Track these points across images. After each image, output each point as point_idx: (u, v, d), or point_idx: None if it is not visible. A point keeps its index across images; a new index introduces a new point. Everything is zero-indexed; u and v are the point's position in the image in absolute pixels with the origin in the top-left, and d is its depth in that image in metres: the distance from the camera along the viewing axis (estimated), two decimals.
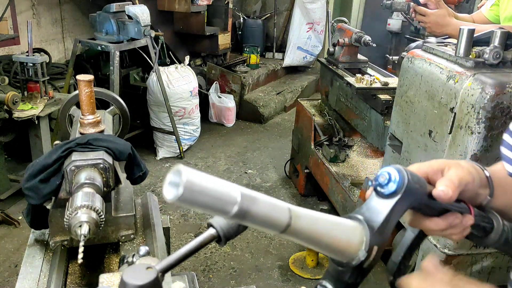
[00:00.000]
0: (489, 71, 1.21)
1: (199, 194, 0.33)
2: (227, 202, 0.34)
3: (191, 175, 0.32)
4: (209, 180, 0.33)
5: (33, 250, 0.95)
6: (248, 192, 0.35)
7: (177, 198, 0.32)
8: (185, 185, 0.32)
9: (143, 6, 2.70)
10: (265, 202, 0.36)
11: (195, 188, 0.32)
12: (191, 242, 0.68)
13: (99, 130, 1.01)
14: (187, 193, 0.32)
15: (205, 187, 0.33)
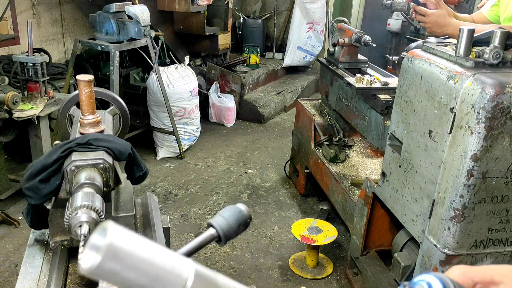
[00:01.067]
0: (489, 71, 1.21)
1: (127, 264, 0.23)
2: (171, 282, 0.24)
3: (120, 234, 0.23)
4: (147, 245, 0.24)
5: (33, 250, 0.95)
6: (204, 272, 0.26)
7: (93, 266, 0.23)
8: (107, 246, 0.22)
9: (143, 6, 2.70)
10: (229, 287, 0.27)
11: (123, 253, 0.23)
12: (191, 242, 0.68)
13: (99, 130, 1.01)
14: (108, 261, 0.23)
15: (139, 254, 0.23)
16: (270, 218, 2.47)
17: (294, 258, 2.13)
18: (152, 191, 2.69)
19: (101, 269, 0.23)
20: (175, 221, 2.40)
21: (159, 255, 0.25)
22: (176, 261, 0.25)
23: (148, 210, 1.08)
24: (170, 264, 0.25)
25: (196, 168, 3.06)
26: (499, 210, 1.26)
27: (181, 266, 0.25)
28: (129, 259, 0.23)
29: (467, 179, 1.21)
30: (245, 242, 2.23)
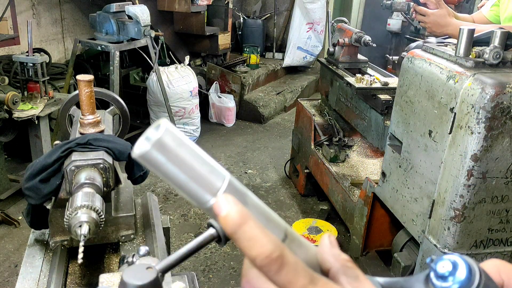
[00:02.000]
0: (489, 71, 1.21)
1: (170, 159, 0.26)
2: (204, 186, 0.26)
3: (170, 133, 0.26)
4: (191, 148, 0.26)
5: (33, 250, 0.95)
6: (238, 185, 0.28)
7: (142, 153, 0.25)
8: (156, 141, 0.25)
9: (143, 6, 2.70)
10: (257, 206, 0.28)
11: (168, 149, 0.26)
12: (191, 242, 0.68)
13: (99, 130, 1.01)
14: (155, 151, 0.25)
15: (181, 153, 0.26)
16: None
17: None
18: (152, 191, 2.69)
19: (147, 157, 0.26)
20: (175, 221, 2.40)
21: (200, 160, 0.27)
22: (214, 169, 0.27)
23: (148, 210, 1.08)
24: (208, 170, 0.27)
25: None
26: (499, 210, 1.26)
27: (218, 174, 0.27)
28: (173, 156, 0.26)
29: (467, 179, 1.21)
30: None
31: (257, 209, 0.28)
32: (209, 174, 0.27)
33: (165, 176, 0.27)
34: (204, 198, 0.27)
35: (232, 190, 0.27)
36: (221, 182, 0.27)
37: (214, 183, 0.27)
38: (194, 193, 0.27)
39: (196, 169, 0.26)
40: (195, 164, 0.26)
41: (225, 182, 0.27)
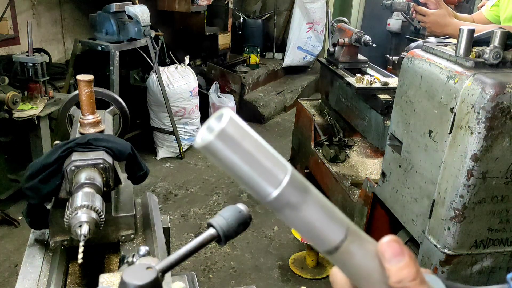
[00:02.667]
0: (489, 71, 1.21)
1: (234, 150, 0.25)
2: (267, 179, 0.26)
3: (234, 123, 0.25)
4: (255, 139, 0.26)
5: (33, 250, 0.95)
6: (300, 178, 0.27)
7: (205, 144, 0.25)
8: (221, 131, 0.25)
9: (143, 6, 2.70)
10: (319, 201, 0.27)
11: (232, 140, 0.25)
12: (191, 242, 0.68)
13: (99, 130, 1.01)
14: (219, 142, 0.25)
15: (245, 144, 0.25)
16: (270, 218, 2.47)
17: (294, 258, 2.12)
18: (152, 191, 2.69)
19: (210, 148, 0.25)
20: (175, 221, 2.40)
21: (264, 151, 0.26)
22: (278, 161, 0.26)
23: (148, 210, 1.07)
24: (272, 162, 0.26)
25: (196, 168, 3.06)
26: (499, 210, 1.26)
27: (281, 167, 0.26)
28: (237, 147, 0.25)
29: (467, 179, 1.21)
30: (245, 242, 2.23)
31: (318, 204, 0.27)
32: (272, 166, 0.26)
33: (227, 168, 0.26)
34: (265, 191, 0.26)
35: (294, 183, 0.26)
36: (284, 175, 0.26)
37: (277, 176, 0.26)
38: (256, 186, 0.26)
39: (260, 161, 0.26)
40: (259, 155, 0.26)
41: (287, 175, 0.26)
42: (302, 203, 0.27)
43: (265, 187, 0.26)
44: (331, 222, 0.27)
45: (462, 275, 1.30)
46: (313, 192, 0.27)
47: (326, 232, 0.27)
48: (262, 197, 0.26)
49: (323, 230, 0.27)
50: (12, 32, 2.90)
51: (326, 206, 0.28)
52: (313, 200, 0.27)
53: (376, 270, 0.28)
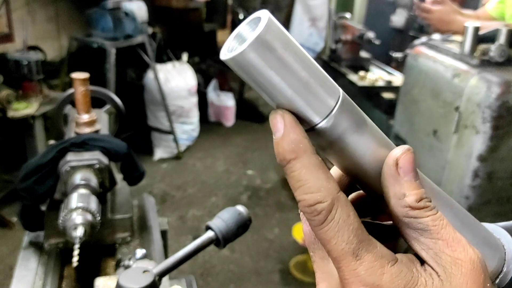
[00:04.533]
0: (495, 69, 1.19)
1: (273, 63, 0.20)
2: (313, 103, 0.21)
3: (274, 28, 0.20)
4: (300, 50, 0.21)
5: (28, 252, 0.93)
6: (352, 105, 0.23)
7: (236, 54, 0.20)
8: (257, 37, 0.19)
9: (140, 2, 2.66)
10: (373, 131, 0.23)
11: (271, 49, 0.20)
12: (189, 245, 0.66)
13: (94, 130, 0.98)
14: (254, 52, 0.19)
15: (288, 56, 0.20)
16: (270, 220, 2.44)
17: (295, 262, 2.10)
18: (149, 192, 2.65)
19: (242, 60, 0.20)
20: (173, 224, 2.36)
21: (311, 66, 0.21)
22: (327, 80, 0.22)
23: (145, 212, 1.06)
24: (320, 82, 0.21)
25: (194, 169, 3.02)
26: (505, 211, 1.24)
27: (331, 88, 0.22)
28: (277, 59, 0.20)
29: (473, 179, 1.19)
30: (244, 245, 2.20)
31: (373, 134, 0.23)
32: (320, 87, 0.21)
33: (261, 86, 0.21)
34: (310, 120, 0.22)
35: (346, 109, 0.22)
36: (334, 100, 0.21)
37: (325, 102, 0.21)
38: (298, 113, 0.21)
39: (306, 79, 0.21)
40: (305, 72, 0.21)
41: (338, 103, 0.22)
42: (355, 136, 0.22)
43: (311, 115, 0.22)
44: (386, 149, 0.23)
45: None
46: (368, 122, 0.23)
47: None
48: (306, 125, 0.22)
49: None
50: (7, 30, 2.85)
51: (380, 136, 0.24)
52: (369, 130, 0.23)
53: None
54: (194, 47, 3.81)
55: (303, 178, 0.21)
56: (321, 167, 0.22)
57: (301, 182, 0.21)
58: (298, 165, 0.21)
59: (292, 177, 0.22)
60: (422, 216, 0.22)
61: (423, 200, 0.22)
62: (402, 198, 0.22)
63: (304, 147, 0.22)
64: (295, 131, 0.22)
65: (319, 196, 0.21)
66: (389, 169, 0.23)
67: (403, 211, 0.22)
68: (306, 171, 0.21)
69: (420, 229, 0.22)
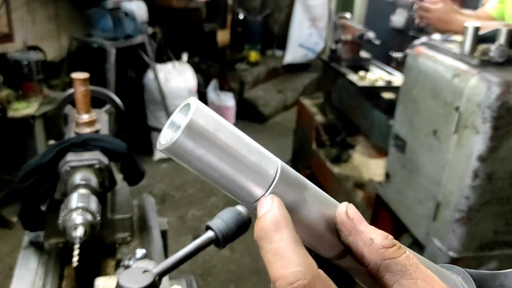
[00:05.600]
0: (495, 69, 1.19)
1: (208, 148, 0.20)
2: (253, 179, 0.21)
3: (203, 114, 0.20)
4: (232, 131, 0.21)
5: (28, 252, 0.93)
6: (292, 174, 0.23)
7: (169, 144, 0.20)
8: (187, 126, 0.20)
9: (140, 2, 2.66)
10: (316, 196, 0.24)
11: (203, 135, 0.20)
12: (189, 245, 0.66)
13: (94, 130, 0.98)
14: (187, 140, 0.20)
15: (221, 138, 0.20)
16: None
17: None
18: (149, 192, 2.65)
19: (176, 149, 0.20)
20: (173, 224, 2.36)
21: (245, 145, 0.22)
22: (263, 155, 0.22)
23: (145, 212, 1.06)
24: (256, 158, 0.22)
25: None
26: (505, 211, 1.24)
27: (268, 162, 0.22)
28: (210, 143, 0.20)
29: (473, 180, 1.19)
30: (244, 245, 2.20)
31: (316, 199, 0.23)
32: (258, 163, 0.22)
33: (201, 171, 0.22)
34: (253, 194, 0.22)
35: (286, 181, 0.22)
36: (274, 171, 0.22)
37: (265, 174, 0.22)
38: (240, 189, 0.22)
39: (242, 158, 0.21)
40: (239, 151, 0.21)
41: (278, 173, 0.22)
42: (300, 202, 0.23)
43: (252, 191, 0.22)
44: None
45: None
46: (310, 189, 0.23)
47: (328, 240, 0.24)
48: (248, 202, 0.22)
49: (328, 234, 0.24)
50: (7, 30, 2.85)
51: (325, 201, 0.24)
52: (309, 199, 0.23)
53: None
54: (194, 47, 3.81)
55: (282, 252, 0.21)
56: (300, 243, 0.21)
57: (279, 256, 0.20)
58: (278, 237, 0.21)
59: (269, 250, 0.21)
60: (398, 255, 0.23)
61: (389, 237, 0.23)
62: (372, 242, 0.23)
63: (286, 222, 0.21)
64: (280, 208, 0.22)
65: (299, 273, 0.20)
66: (346, 224, 0.23)
67: (379, 254, 0.23)
68: (286, 245, 0.21)
69: (400, 271, 0.22)
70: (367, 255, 0.23)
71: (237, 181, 0.22)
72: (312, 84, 4.69)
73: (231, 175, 0.21)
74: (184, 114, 0.21)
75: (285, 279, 0.20)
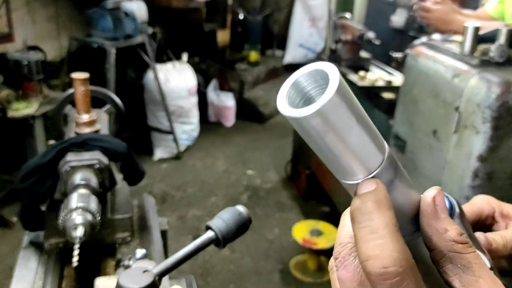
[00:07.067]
0: (495, 69, 1.19)
1: (338, 126, 0.20)
2: (365, 159, 0.22)
3: (343, 90, 0.20)
4: (360, 109, 0.22)
5: (28, 252, 0.93)
6: (396, 161, 0.24)
7: (303, 115, 0.20)
8: (329, 101, 0.19)
9: (140, 2, 2.66)
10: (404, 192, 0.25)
11: (339, 113, 0.20)
12: (189, 245, 0.66)
13: (94, 130, 0.98)
14: (321, 116, 0.20)
15: (351, 117, 0.21)
16: (270, 220, 2.44)
17: (295, 262, 2.10)
18: (149, 192, 2.65)
19: (307, 122, 0.20)
20: (173, 224, 2.36)
21: (367, 124, 0.22)
22: (378, 136, 0.23)
23: (145, 212, 1.06)
24: (376, 135, 0.23)
25: (194, 169, 3.02)
26: None
27: (380, 145, 0.23)
28: (342, 122, 0.20)
29: (473, 180, 1.19)
30: (244, 245, 2.20)
31: (405, 182, 0.24)
32: (374, 142, 0.22)
33: (320, 147, 0.21)
34: (357, 173, 0.22)
35: (391, 161, 0.23)
36: (383, 154, 0.23)
37: (377, 154, 0.22)
38: (348, 167, 0.22)
39: (365, 138, 0.22)
40: (363, 130, 0.21)
41: (386, 153, 0.23)
42: (393, 185, 0.24)
43: (358, 170, 0.22)
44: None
45: None
46: (400, 170, 0.25)
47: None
48: (349, 178, 0.23)
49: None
50: (7, 30, 2.85)
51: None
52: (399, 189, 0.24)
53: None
54: (194, 47, 3.81)
55: (381, 232, 0.20)
56: (399, 231, 0.21)
57: (378, 235, 0.20)
58: (379, 216, 0.21)
59: (367, 226, 0.20)
60: (466, 252, 0.23)
61: (463, 235, 0.23)
62: (445, 233, 0.23)
63: (389, 206, 0.21)
64: (385, 192, 0.22)
65: (396, 260, 0.19)
66: (428, 208, 0.24)
67: (447, 245, 0.23)
68: (386, 227, 0.20)
69: (463, 265, 0.22)
70: (435, 240, 0.23)
71: (352, 162, 0.22)
72: None
73: (350, 156, 0.22)
74: (315, 80, 0.21)
75: (380, 261, 0.19)
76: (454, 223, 0.24)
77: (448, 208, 0.26)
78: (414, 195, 0.25)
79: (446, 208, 0.24)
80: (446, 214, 0.24)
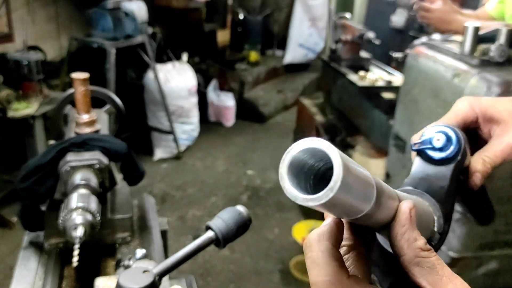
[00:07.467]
0: (495, 69, 1.19)
1: (351, 195, 0.24)
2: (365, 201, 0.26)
3: (348, 168, 0.23)
4: (359, 170, 0.25)
5: (28, 252, 0.93)
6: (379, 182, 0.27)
7: (326, 198, 0.23)
8: (342, 182, 0.22)
9: (140, 2, 2.66)
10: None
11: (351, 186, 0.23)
12: (189, 245, 0.66)
13: (94, 130, 0.98)
14: (340, 193, 0.23)
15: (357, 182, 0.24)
16: (270, 220, 2.44)
17: (295, 262, 2.10)
18: (149, 192, 2.65)
19: (332, 202, 0.23)
20: (173, 224, 2.36)
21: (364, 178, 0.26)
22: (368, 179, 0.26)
23: (145, 212, 1.06)
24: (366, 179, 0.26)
25: (194, 169, 3.02)
26: (505, 211, 1.24)
27: (370, 184, 0.26)
28: (354, 191, 0.24)
29: None
30: (244, 245, 2.20)
31: (389, 197, 0.28)
32: (366, 186, 0.26)
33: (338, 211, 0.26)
34: (362, 210, 0.26)
35: (379, 189, 0.27)
36: (374, 188, 0.26)
37: (370, 193, 0.26)
38: (355, 211, 0.26)
39: (363, 190, 0.25)
40: (360, 183, 0.25)
41: (375, 186, 0.26)
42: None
43: (364, 208, 0.26)
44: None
45: (467, 278, 1.28)
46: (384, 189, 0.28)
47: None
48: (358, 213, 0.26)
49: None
50: (7, 30, 2.85)
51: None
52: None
53: None
54: (194, 47, 3.81)
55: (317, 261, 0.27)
56: (335, 255, 0.27)
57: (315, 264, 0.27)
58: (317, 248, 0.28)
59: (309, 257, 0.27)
60: (430, 256, 0.28)
61: (428, 245, 0.29)
62: (415, 241, 0.28)
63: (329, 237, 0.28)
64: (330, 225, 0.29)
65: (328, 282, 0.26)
66: (405, 219, 0.28)
67: (415, 252, 0.27)
68: (321, 257, 0.27)
69: (428, 267, 0.27)
70: (405, 248, 0.28)
71: (356, 208, 0.26)
72: (312, 84, 4.69)
73: (356, 206, 0.25)
74: (315, 159, 0.26)
75: (317, 286, 0.26)
76: (422, 237, 0.28)
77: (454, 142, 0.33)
78: (392, 205, 0.29)
79: (415, 221, 0.29)
80: (415, 226, 0.28)
